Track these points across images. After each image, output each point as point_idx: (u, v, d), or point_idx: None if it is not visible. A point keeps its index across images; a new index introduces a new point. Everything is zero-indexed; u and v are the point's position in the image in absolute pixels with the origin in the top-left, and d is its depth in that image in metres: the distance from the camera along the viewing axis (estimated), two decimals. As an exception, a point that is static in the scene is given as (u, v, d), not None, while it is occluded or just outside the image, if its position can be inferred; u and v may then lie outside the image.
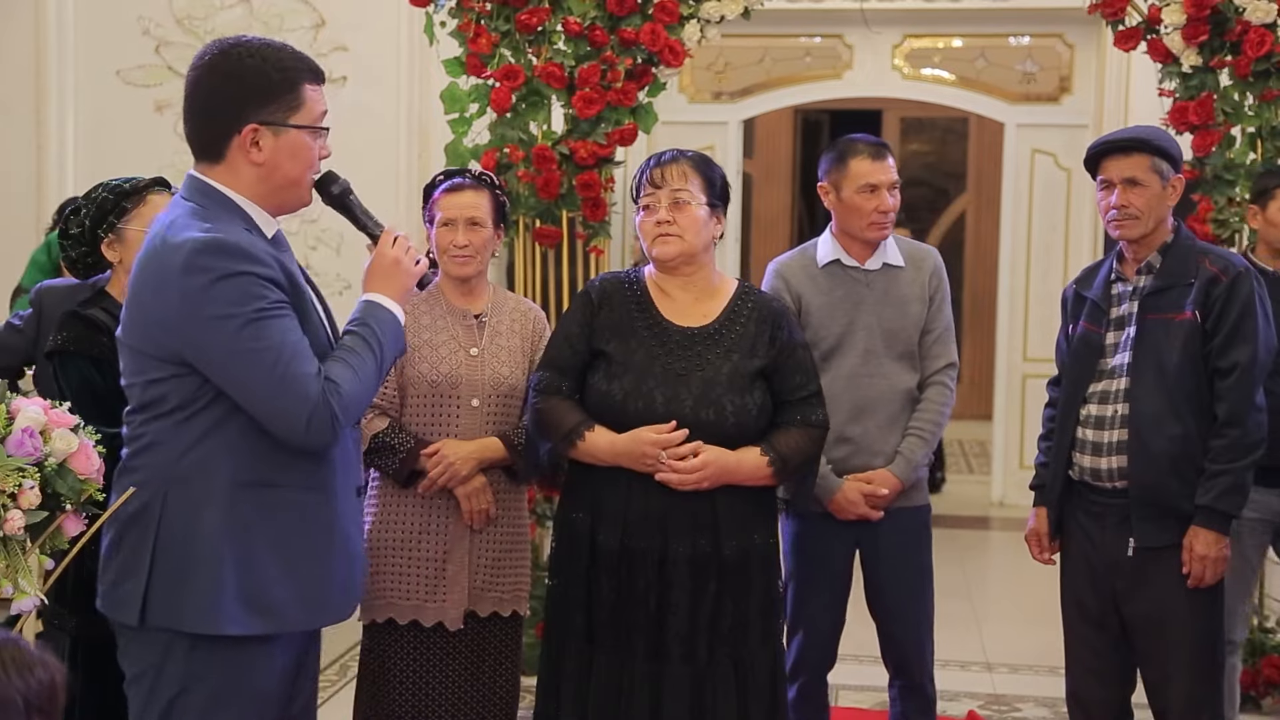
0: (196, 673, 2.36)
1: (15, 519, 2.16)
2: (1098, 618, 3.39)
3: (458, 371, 3.25)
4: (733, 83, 8.35)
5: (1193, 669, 3.28)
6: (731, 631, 2.98)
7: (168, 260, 2.30)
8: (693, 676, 2.96)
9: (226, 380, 2.31)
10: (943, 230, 12.24)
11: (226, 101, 2.36)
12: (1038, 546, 3.51)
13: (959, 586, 6.41)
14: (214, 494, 2.34)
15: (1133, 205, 3.27)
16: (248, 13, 7.66)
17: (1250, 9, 4.57)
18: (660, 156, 3.11)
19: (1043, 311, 8.09)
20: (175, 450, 2.35)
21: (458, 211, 3.26)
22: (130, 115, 7.72)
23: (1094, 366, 3.36)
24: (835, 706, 4.65)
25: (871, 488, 3.54)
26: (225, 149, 2.38)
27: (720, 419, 2.97)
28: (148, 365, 2.36)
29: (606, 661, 2.98)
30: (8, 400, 2.25)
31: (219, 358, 2.30)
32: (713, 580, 2.96)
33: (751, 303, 3.10)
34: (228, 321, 2.27)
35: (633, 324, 3.05)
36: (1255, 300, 3.24)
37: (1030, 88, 8.15)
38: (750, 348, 3.03)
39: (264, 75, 2.37)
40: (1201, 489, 3.21)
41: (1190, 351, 3.23)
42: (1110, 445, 3.30)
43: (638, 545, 2.96)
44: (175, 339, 2.31)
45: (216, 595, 2.33)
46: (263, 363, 2.29)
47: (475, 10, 4.86)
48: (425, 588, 3.24)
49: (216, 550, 2.33)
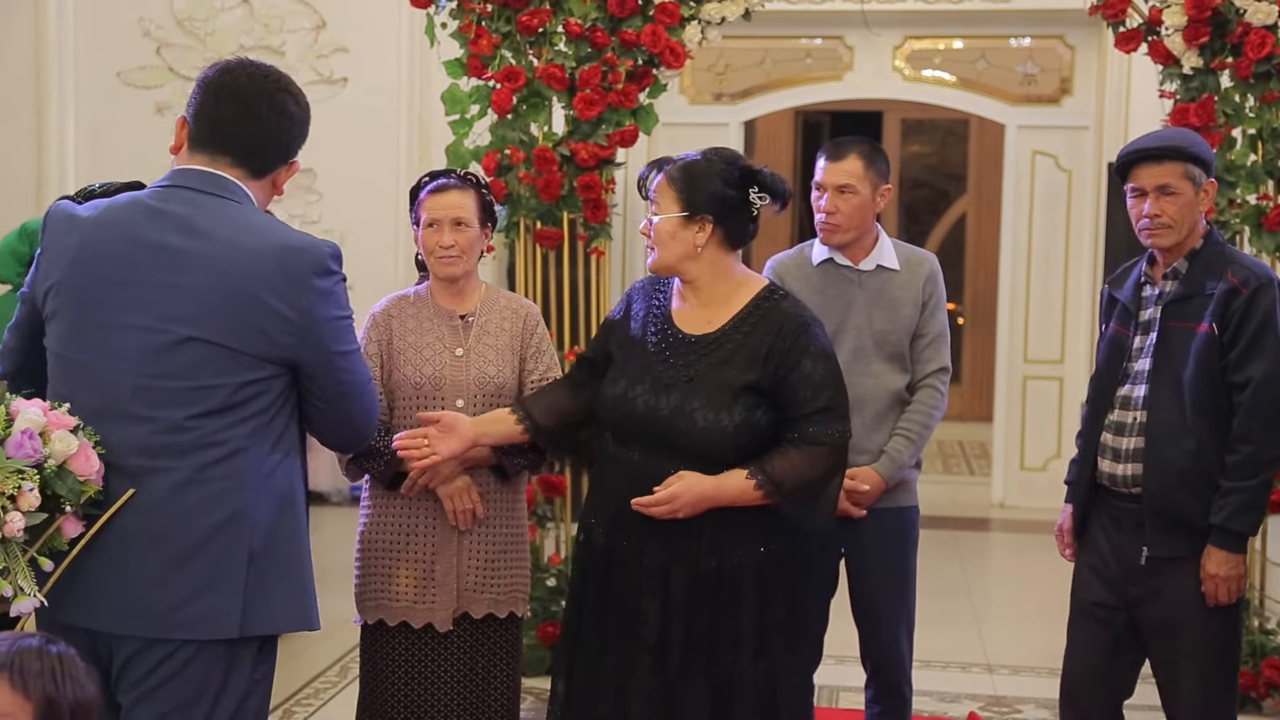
0: (261, 677, 2.45)
1: (15, 521, 2.16)
2: (1104, 619, 3.37)
3: (441, 373, 3.25)
4: (733, 84, 8.35)
5: (1204, 678, 3.26)
6: (708, 647, 2.90)
7: (293, 261, 2.40)
8: (661, 688, 2.90)
9: (328, 380, 2.47)
10: (943, 232, 12.24)
11: (297, 134, 2.54)
12: (1062, 542, 3.52)
13: (959, 587, 6.41)
14: (293, 493, 2.45)
15: (1166, 214, 3.21)
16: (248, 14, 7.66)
17: (1251, 11, 4.57)
18: (646, 168, 3.05)
19: (1043, 313, 8.09)
20: (261, 454, 2.38)
21: (443, 212, 3.25)
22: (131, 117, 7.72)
23: (1120, 369, 3.34)
24: (835, 708, 4.66)
25: (854, 484, 3.54)
26: (273, 170, 2.53)
27: (691, 431, 2.87)
28: (245, 366, 2.36)
29: (585, 660, 3.00)
30: (7, 402, 2.25)
31: (330, 357, 2.45)
32: (687, 594, 2.90)
33: (763, 311, 2.96)
34: (343, 323, 2.47)
35: (645, 327, 3.03)
36: (1276, 313, 3.19)
37: (1031, 89, 8.14)
38: (745, 361, 2.91)
39: (307, 122, 2.57)
40: (1215, 507, 3.18)
41: (1205, 364, 3.19)
42: (1128, 452, 3.28)
43: (618, 546, 2.95)
44: (295, 337, 2.39)
45: (312, 593, 2.47)
46: (356, 364, 2.53)
47: (476, 11, 4.86)
48: (414, 589, 3.24)
49: (304, 548, 2.47)
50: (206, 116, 2.45)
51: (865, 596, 3.65)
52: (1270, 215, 4.64)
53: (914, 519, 3.70)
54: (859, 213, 3.58)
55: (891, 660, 3.67)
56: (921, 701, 3.86)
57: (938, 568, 3.74)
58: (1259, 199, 4.71)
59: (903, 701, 3.70)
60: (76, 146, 7.71)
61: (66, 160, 7.69)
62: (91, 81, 7.65)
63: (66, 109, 7.66)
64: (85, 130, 7.68)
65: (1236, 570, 3.19)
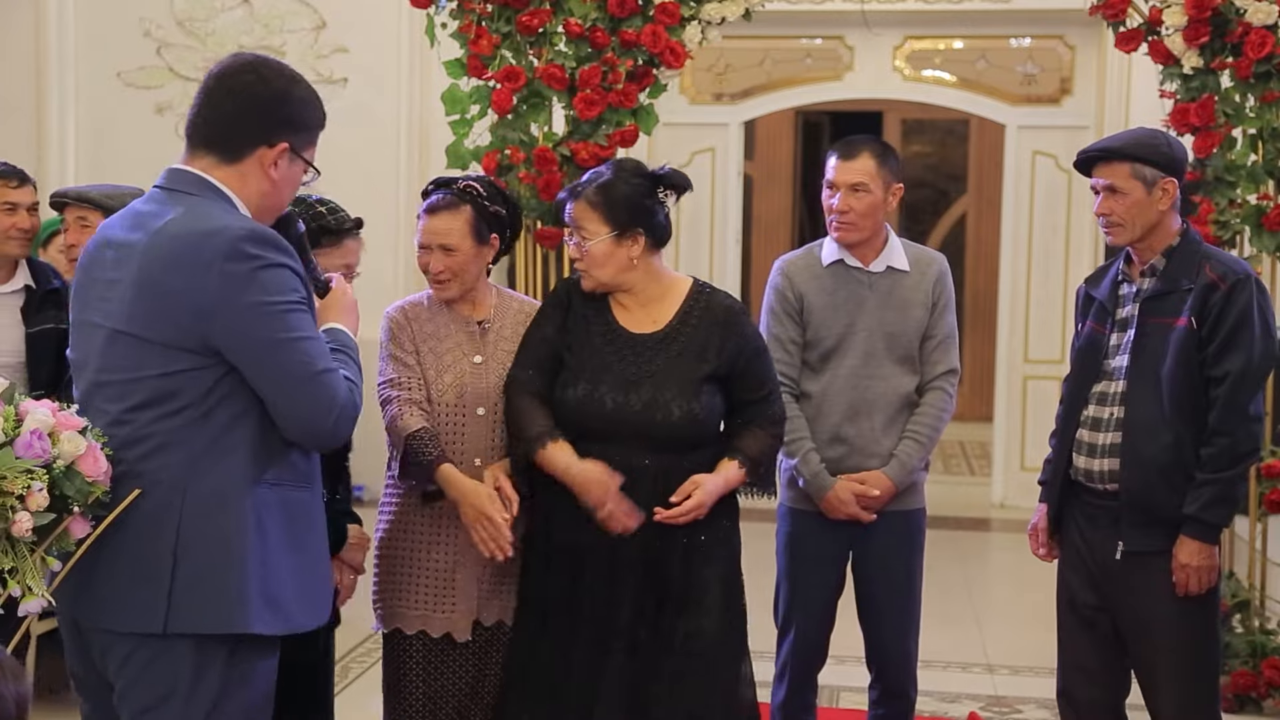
0: (235, 680, 2.36)
1: (23, 521, 2.16)
2: (1089, 617, 3.40)
3: (463, 380, 3.22)
4: (733, 84, 8.36)
5: (1181, 675, 3.28)
6: (678, 625, 3.08)
7: (203, 246, 2.30)
8: (637, 668, 3.06)
9: (260, 370, 2.32)
10: (943, 232, 12.24)
11: (273, 113, 2.43)
12: (1036, 542, 3.53)
13: (960, 588, 6.42)
14: (234, 493, 2.33)
15: (1115, 213, 3.28)
16: (249, 14, 7.66)
17: (1251, 11, 4.57)
18: (562, 195, 3.22)
19: (1043, 313, 8.09)
20: (193, 449, 2.32)
21: (430, 237, 3.22)
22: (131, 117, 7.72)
23: (1097, 366, 3.37)
24: (836, 708, 4.67)
25: (864, 488, 3.54)
26: (248, 153, 2.42)
27: (668, 422, 3.09)
28: (162, 357, 2.32)
29: (544, 657, 3.11)
30: (17, 402, 2.25)
31: (256, 345, 2.31)
32: (658, 576, 3.08)
33: (702, 305, 3.20)
34: (269, 308, 2.30)
35: (589, 329, 3.17)
36: (1253, 308, 3.22)
37: (1031, 89, 8.15)
38: (699, 352, 3.14)
39: (309, 108, 2.49)
40: (1189, 498, 3.22)
41: (1184, 358, 3.22)
42: (1104, 447, 3.31)
43: (585, 540, 3.07)
44: (208, 326, 2.30)
45: (244, 595, 2.32)
46: (300, 352, 2.33)
47: (476, 12, 4.86)
48: (433, 598, 3.22)
49: (241, 550, 2.33)
50: (188, 115, 2.49)
51: (873, 599, 3.65)
52: (1270, 215, 4.65)
53: (921, 522, 3.70)
54: (872, 211, 3.58)
55: (898, 662, 3.67)
56: (922, 701, 3.86)
57: (938, 568, 3.75)
58: (1259, 199, 4.72)
59: (908, 703, 3.71)
60: (77, 146, 7.72)
61: (66, 160, 7.69)
62: (91, 81, 7.65)
63: (66, 109, 7.66)
64: (85, 130, 7.68)
65: (1209, 561, 3.22)
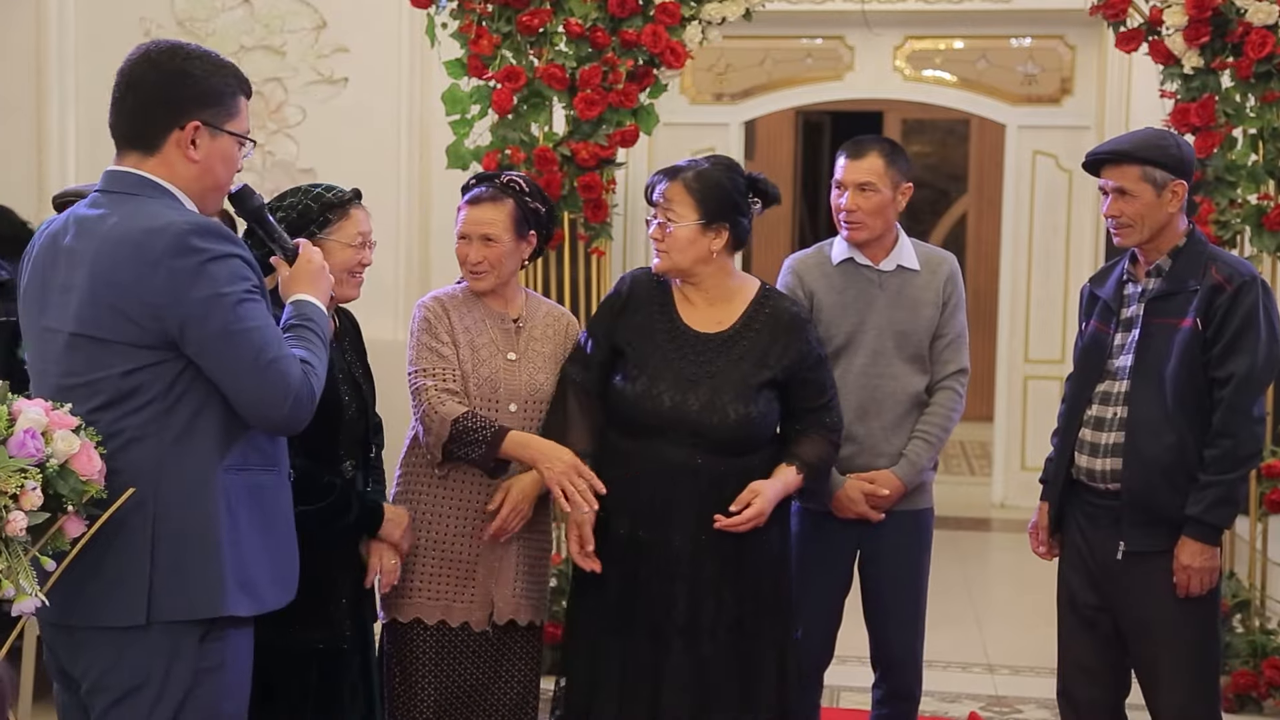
0: (209, 664, 2.40)
1: (17, 520, 2.16)
2: (1090, 617, 3.39)
3: (497, 375, 3.25)
4: (734, 84, 8.35)
5: (1182, 676, 3.28)
6: (736, 624, 3.12)
7: (149, 244, 2.32)
8: (694, 667, 3.09)
9: (214, 361, 2.35)
10: (944, 232, 12.24)
11: (173, 95, 2.43)
12: (1036, 540, 3.53)
13: (960, 587, 6.42)
14: (204, 480, 2.38)
15: (1124, 214, 3.27)
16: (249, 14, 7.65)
17: (1252, 10, 4.57)
18: (657, 175, 3.23)
19: (1044, 313, 8.09)
20: (161, 442, 2.36)
21: (471, 227, 3.26)
22: (131, 117, 7.69)
23: (1101, 366, 3.37)
24: (837, 708, 4.66)
25: (873, 487, 3.54)
26: (162, 141, 2.44)
27: (724, 424, 3.12)
28: (121, 356, 2.35)
29: (595, 654, 3.14)
30: (9, 401, 2.25)
31: (209, 338, 2.34)
32: (715, 575, 3.11)
33: (768, 310, 3.24)
34: (219, 301, 2.33)
35: (653, 325, 3.21)
36: (1259, 311, 3.22)
37: (1031, 89, 8.14)
38: (761, 357, 3.18)
39: (208, 78, 2.46)
40: (1192, 499, 3.21)
41: (1189, 359, 3.22)
42: (1107, 447, 3.31)
43: (643, 535, 3.11)
44: (162, 322, 2.33)
45: (221, 580, 2.38)
46: (251, 343, 2.35)
47: (476, 12, 4.86)
48: (454, 588, 3.24)
49: (215, 536, 2.37)
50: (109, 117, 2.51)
51: (880, 598, 3.65)
52: (1270, 215, 4.65)
53: (929, 522, 3.70)
54: (880, 210, 3.57)
55: (905, 662, 3.66)
56: (922, 701, 3.85)
57: (938, 568, 3.74)
58: (1259, 199, 4.71)
59: (913, 703, 3.71)
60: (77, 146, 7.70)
61: (67, 160, 7.68)
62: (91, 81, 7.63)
63: (66, 108, 7.65)
64: (85, 130, 7.66)
65: (1210, 562, 3.22)
